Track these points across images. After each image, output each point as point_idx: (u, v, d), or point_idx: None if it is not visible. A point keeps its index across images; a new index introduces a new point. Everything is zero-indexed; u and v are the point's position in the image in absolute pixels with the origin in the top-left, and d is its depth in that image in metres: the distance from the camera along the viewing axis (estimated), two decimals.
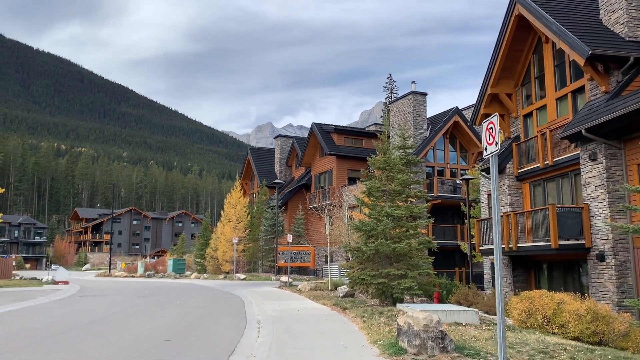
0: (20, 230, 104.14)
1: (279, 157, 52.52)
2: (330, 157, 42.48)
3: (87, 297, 20.32)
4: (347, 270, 13.98)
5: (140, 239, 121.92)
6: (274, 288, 24.99)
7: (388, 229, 13.23)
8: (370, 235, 13.63)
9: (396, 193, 14.05)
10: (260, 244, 44.01)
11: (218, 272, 42.84)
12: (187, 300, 18.12)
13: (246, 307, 16.10)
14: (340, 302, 15.82)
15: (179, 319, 12.37)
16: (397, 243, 13.06)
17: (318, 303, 16.51)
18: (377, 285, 12.79)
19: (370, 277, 12.82)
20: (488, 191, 27.31)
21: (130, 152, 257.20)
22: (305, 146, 45.70)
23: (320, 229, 31.22)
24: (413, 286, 12.52)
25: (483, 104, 24.09)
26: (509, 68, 23.48)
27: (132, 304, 16.60)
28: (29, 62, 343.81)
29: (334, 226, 25.07)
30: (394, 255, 13.28)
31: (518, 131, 23.48)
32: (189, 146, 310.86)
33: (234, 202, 44.62)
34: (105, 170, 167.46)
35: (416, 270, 13.03)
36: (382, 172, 14.05)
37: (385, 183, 14.00)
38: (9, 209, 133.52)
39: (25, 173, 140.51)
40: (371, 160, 14.24)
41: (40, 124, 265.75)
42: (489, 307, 17.11)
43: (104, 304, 16.92)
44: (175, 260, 52.19)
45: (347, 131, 44.43)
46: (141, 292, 23.25)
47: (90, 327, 10.61)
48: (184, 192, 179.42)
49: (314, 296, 19.30)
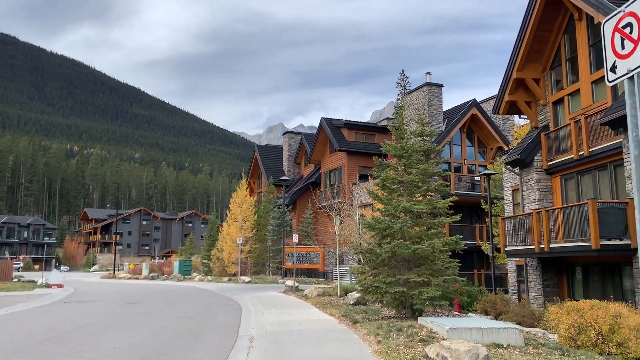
0: (30, 231, 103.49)
1: (287, 155, 50.52)
2: (340, 154, 40.37)
3: (72, 303, 18.52)
4: (358, 275, 11.88)
5: (150, 239, 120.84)
6: (278, 293, 22.98)
7: (406, 227, 11.14)
8: (385, 235, 11.54)
9: (414, 185, 11.96)
10: (268, 244, 42.03)
11: (224, 274, 40.97)
12: (178, 308, 16.22)
13: (242, 317, 14.11)
14: (351, 312, 13.75)
15: (155, 335, 10.43)
16: (418, 244, 10.96)
17: (325, 313, 14.46)
18: (394, 295, 10.71)
19: (385, 284, 10.74)
20: (513, 186, 25.02)
21: (143, 153, 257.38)
22: (314, 142, 43.65)
23: (330, 228, 29.19)
24: (437, 296, 10.42)
25: (507, 90, 21.86)
26: (536, 50, 21.24)
27: (113, 313, 14.74)
28: (42, 65, 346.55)
29: (343, 225, 22.98)
30: (414, 258, 11.19)
31: (547, 120, 21.23)
32: (200, 147, 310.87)
33: (240, 201, 42.71)
34: (115, 171, 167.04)
35: (441, 277, 10.92)
36: (398, 161, 11.97)
37: (401, 173, 11.91)
38: (20, 209, 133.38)
39: (36, 174, 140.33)
40: (385, 146, 12.15)
41: (53, 125, 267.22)
42: (522, 317, 14.91)
43: (82, 312, 15.10)
44: (182, 261, 50.47)
45: (358, 126, 42.29)
46: (134, 297, 21.39)
47: (37, 348, 8.69)
48: (194, 192, 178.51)
49: (321, 303, 17.25)
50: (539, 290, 20.22)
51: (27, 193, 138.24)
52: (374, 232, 11.71)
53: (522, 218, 19.80)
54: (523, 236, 19.84)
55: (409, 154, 11.76)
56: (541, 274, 20.15)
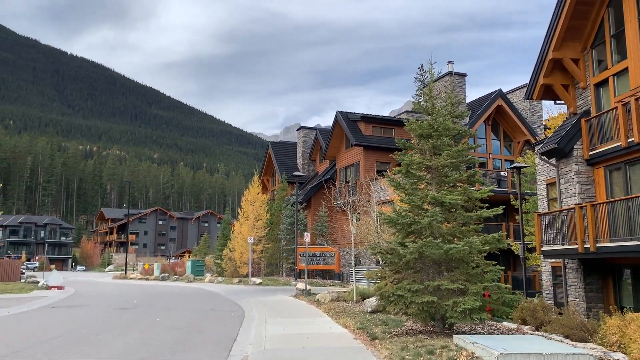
0: (46, 230, 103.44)
1: (301, 151, 48.54)
2: (356, 149, 38.27)
3: (60, 308, 16.85)
4: (377, 281, 9.79)
5: (166, 239, 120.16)
6: (288, 297, 21.03)
7: (437, 223, 9.07)
8: (410, 232, 9.46)
9: (443, 173, 9.89)
10: (281, 244, 40.13)
11: (236, 275, 39.18)
12: (171, 315, 14.39)
13: (242, 327, 12.20)
14: (368, 322, 11.74)
15: (128, 352, 8.55)
16: (452, 242, 8.88)
17: (338, 323, 12.46)
18: (422, 306, 8.64)
19: (410, 293, 8.68)
20: (548, 180, 22.66)
21: (161, 153, 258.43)
22: (330, 137, 41.60)
23: (345, 227, 27.22)
24: (476, 307, 8.35)
25: (542, 73, 19.53)
26: (575, 27, 18.87)
27: (96, 322, 12.96)
28: (63, 67, 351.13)
29: (360, 223, 20.91)
30: (446, 260, 9.12)
31: (587, 104, 18.86)
32: (218, 147, 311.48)
33: (252, 199, 40.88)
34: (133, 171, 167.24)
35: (481, 283, 8.83)
36: (425, 143, 9.90)
37: (429, 157, 9.84)
38: (38, 209, 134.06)
39: (54, 174, 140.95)
40: (410, 124, 10.07)
41: (73, 127, 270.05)
42: (570, 329, 12.64)
43: (61, 320, 13.37)
44: (194, 261, 48.93)
45: (376, 119, 40.11)
46: (131, 301, 19.67)
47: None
48: (211, 192, 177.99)
49: (334, 311, 15.23)
50: (581, 296, 17.91)
51: (45, 193, 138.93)
52: (395, 229, 9.64)
53: (560, 214, 17.57)
54: (561, 234, 17.65)
55: (438, 133, 9.67)
56: (583, 276, 17.84)
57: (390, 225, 9.58)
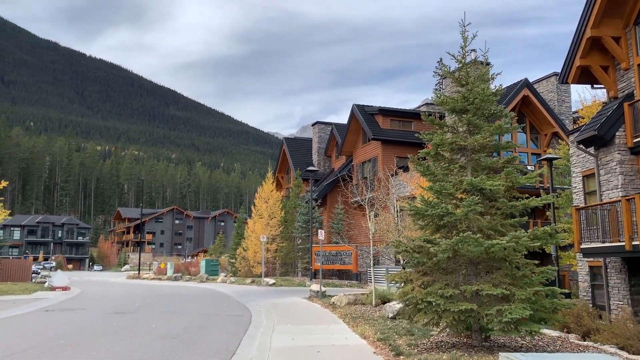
0: (64, 230, 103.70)
1: (317, 147, 46.99)
2: (374, 143, 36.59)
3: (54, 312, 15.63)
4: (401, 285, 8.16)
5: (182, 238, 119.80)
6: (302, 299, 19.52)
7: (475, 214, 7.47)
8: (441, 226, 7.84)
9: (480, 156, 8.26)
10: (296, 242, 38.67)
11: (249, 275, 37.84)
12: (170, 321, 13.01)
13: (245, 336, 10.73)
14: (390, 332, 10.17)
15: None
16: (494, 238, 7.26)
17: (356, 332, 10.91)
18: (459, 315, 7.04)
19: (443, 299, 7.09)
20: (584, 171, 20.75)
21: (179, 154, 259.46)
22: (346, 132, 39.99)
23: (363, 223, 25.61)
24: (526, 317, 6.73)
25: (579, 53, 17.63)
26: (615, 2, 17.04)
27: (83, 328, 11.62)
28: (82, 69, 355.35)
29: (378, 219, 19.29)
30: (486, 259, 7.52)
31: (630, 87, 16.93)
32: (235, 147, 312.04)
33: (266, 196, 39.48)
34: (150, 170, 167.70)
35: (530, 288, 7.19)
36: (459, 119, 8.28)
37: (463, 136, 8.21)
38: (56, 209, 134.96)
39: (71, 174, 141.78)
40: (439, 97, 8.43)
41: (92, 128, 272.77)
42: (625, 339, 10.90)
43: (51, 326, 12.08)
44: (208, 261, 47.83)
45: (394, 112, 38.38)
46: (132, 304, 18.39)
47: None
48: (227, 191, 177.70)
49: (351, 316, 13.67)
50: (625, 299, 16.04)
51: (62, 193, 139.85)
52: (423, 223, 8.02)
53: (600, 208, 15.76)
54: (601, 231, 15.81)
55: (475, 106, 8.05)
56: (627, 277, 15.98)
57: (417, 219, 7.97)
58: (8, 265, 39.95)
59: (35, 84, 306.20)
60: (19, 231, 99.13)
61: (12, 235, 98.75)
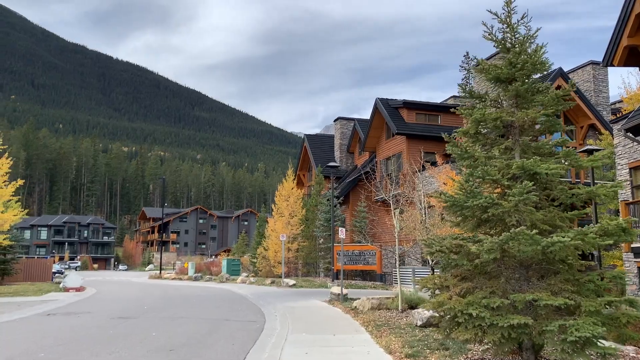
0: (89, 230, 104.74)
1: (339, 143, 45.52)
2: (399, 138, 34.94)
3: (57, 315, 14.62)
4: (434, 292, 6.63)
5: (206, 238, 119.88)
6: (321, 302, 18.14)
7: (528, 205, 5.95)
8: (485, 221, 6.34)
9: (531, 135, 6.74)
10: (318, 242, 37.30)
11: (270, 275, 36.64)
12: (173, 327, 11.80)
13: (254, 348, 9.40)
14: (420, 345, 8.73)
15: None
16: (554, 235, 5.72)
17: (380, 344, 9.48)
18: (509, 331, 5.54)
19: (489, 310, 5.61)
20: (632, 163, 18.86)
21: (204, 154, 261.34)
22: (369, 127, 38.41)
23: (388, 221, 24.11)
24: (598, 333, 5.22)
25: (626, 32, 15.72)
26: None
27: (80, 336, 10.49)
28: (109, 71, 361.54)
29: (404, 216, 17.76)
30: (540, 261, 6.00)
31: None
32: (259, 147, 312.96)
33: (287, 194, 38.21)
34: (174, 170, 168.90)
35: (601, 298, 5.65)
36: (503, 90, 6.77)
37: (510, 111, 6.69)
38: (82, 209, 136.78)
39: (97, 174, 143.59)
40: (482, 64, 6.89)
41: (119, 129, 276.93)
42: None
43: (42, 333, 11.00)
44: (229, 260, 46.87)
45: (420, 106, 36.63)
46: (141, 307, 17.32)
47: None
48: (251, 190, 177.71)
49: (375, 324, 12.22)
50: None
51: (89, 193, 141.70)
52: (462, 216, 6.53)
53: None
54: None
55: (525, 72, 6.54)
56: None
57: (454, 212, 6.49)
58: (29, 265, 39.76)
59: (63, 86, 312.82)
60: (46, 231, 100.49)
61: (39, 235, 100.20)
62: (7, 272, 32.01)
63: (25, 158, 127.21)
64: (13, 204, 32.56)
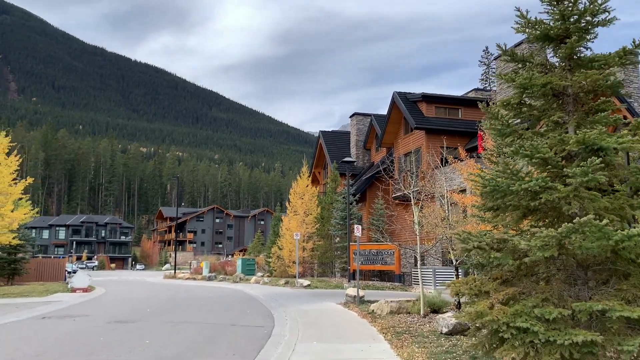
0: (107, 230, 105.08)
1: (355, 139, 44.21)
2: (417, 133, 33.52)
3: (52, 319, 13.68)
4: (470, 299, 5.37)
5: (223, 237, 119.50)
6: (336, 305, 16.91)
7: (591, 190, 4.67)
8: (533, 210, 5.05)
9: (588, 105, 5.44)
10: (334, 240, 36.06)
11: (285, 275, 35.50)
12: (171, 334, 10.72)
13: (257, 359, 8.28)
14: (448, 357, 7.48)
15: None
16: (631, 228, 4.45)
17: (401, 355, 8.21)
18: (570, 350, 4.30)
19: (543, 324, 4.35)
20: None
21: (222, 154, 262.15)
22: (386, 122, 37.02)
23: (408, 218, 22.78)
24: None
25: None
26: None
27: (65, 344, 9.46)
28: (127, 73, 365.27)
29: (425, 211, 16.43)
30: (605, 261, 4.72)
31: None
32: (275, 147, 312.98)
33: (301, 192, 37.02)
34: (191, 170, 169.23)
35: None
36: (555, 48, 5.49)
37: (562, 74, 5.40)
38: (100, 209, 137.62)
39: (115, 174, 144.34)
40: (522, 16, 5.59)
41: (138, 130, 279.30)
42: None
43: (25, 340, 10.02)
44: (244, 260, 45.92)
45: (440, 99, 35.13)
46: (144, 309, 16.32)
47: None
48: (267, 190, 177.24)
49: (394, 330, 10.97)
50: None
51: (107, 193, 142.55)
52: (502, 204, 5.26)
53: None
54: None
55: (581, 27, 5.26)
56: None
57: (494, 199, 5.23)
58: (42, 264, 39.28)
59: (83, 88, 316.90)
60: (64, 231, 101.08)
61: (57, 235, 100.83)
62: (17, 272, 31.43)
63: (44, 159, 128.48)
64: (23, 202, 32.02)
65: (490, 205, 5.53)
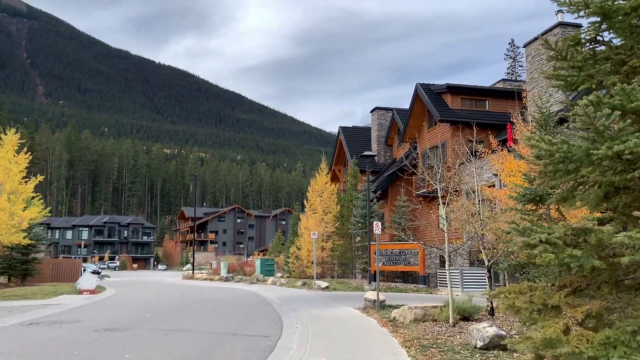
0: (129, 230, 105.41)
1: (376, 135, 42.48)
2: (442, 126, 31.64)
3: (39, 325, 12.47)
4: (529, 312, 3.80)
5: (244, 237, 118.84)
6: (355, 310, 15.32)
7: None
8: (618, 190, 3.49)
9: None
10: (355, 240, 34.41)
11: (303, 276, 34.04)
12: (162, 345, 9.31)
13: None
14: None
15: None
16: None
17: None
18: None
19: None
20: None
21: (244, 155, 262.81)
22: (408, 116, 35.22)
23: (432, 212, 21.06)
24: None
25: None
26: None
27: (34, 357, 8.24)
28: (152, 76, 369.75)
29: (453, 205, 14.71)
30: None
31: None
32: (297, 147, 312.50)
33: (320, 189, 35.50)
34: (213, 171, 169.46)
35: None
36: None
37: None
38: (123, 209, 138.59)
39: (138, 175, 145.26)
40: None
41: (162, 132, 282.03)
42: None
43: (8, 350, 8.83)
44: (263, 260, 44.68)
45: (465, 90, 33.15)
46: (142, 315, 15.02)
47: None
48: (289, 189, 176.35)
49: (419, 343, 9.35)
50: None
51: (130, 194, 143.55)
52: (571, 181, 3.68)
53: None
54: None
55: None
56: None
57: (563, 174, 3.62)
58: (59, 265, 38.75)
59: (108, 91, 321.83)
60: (87, 231, 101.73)
61: (80, 235, 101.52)
62: (28, 273, 30.68)
63: (68, 160, 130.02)
64: (36, 201, 31.32)
65: (552, 184, 3.91)
